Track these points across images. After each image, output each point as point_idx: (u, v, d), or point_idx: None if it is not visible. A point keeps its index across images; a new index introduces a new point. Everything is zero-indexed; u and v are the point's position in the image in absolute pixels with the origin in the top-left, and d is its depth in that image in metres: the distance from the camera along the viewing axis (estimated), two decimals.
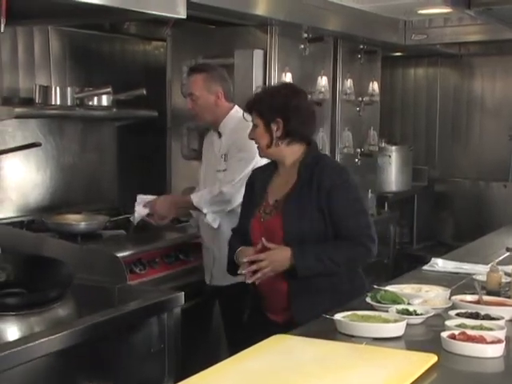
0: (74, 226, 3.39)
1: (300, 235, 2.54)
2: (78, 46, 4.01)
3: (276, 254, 2.53)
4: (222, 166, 3.23)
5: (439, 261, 3.04)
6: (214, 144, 3.31)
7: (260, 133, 2.61)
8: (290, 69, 4.02)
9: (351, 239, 2.53)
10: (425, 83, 6.24)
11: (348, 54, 4.70)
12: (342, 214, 2.54)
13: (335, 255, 2.52)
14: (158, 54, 4.55)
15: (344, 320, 2.10)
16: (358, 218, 2.56)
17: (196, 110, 3.28)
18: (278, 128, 2.58)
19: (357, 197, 2.61)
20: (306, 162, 2.61)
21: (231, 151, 3.18)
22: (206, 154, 3.42)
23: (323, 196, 2.53)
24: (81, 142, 4.09)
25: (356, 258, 2.58)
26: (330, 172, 2.58)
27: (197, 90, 3.24)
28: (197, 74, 3.26)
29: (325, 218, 2.54)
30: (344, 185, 2.57)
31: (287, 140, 2.60)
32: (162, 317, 2.61)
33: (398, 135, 6.22)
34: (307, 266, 2.51)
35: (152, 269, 3.20)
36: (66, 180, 3.98)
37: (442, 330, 2.02)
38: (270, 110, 2.58)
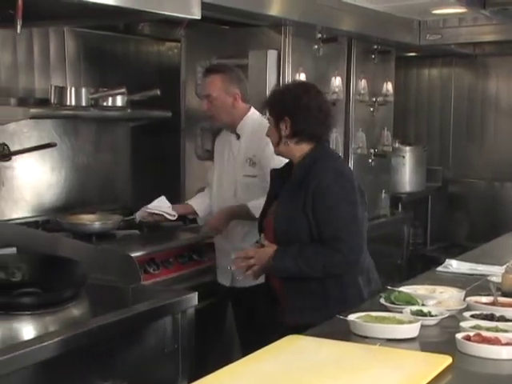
0: (89, 225, 3.41)
1: (287, 235, 2.54)
2: (93, 47, 4.03)
3: (263, 252, 2.57)
4: (249, 171, 3.15)
5: (453, 262, 3.03)
6: (231, 146, 3.25)
7: (271, 131, 2.64)
8: (304, 69, 4.01)
9: (330, 245, 2.47)
10: (439, 83, 6.21)
11: (362, 55, 4.68)
12: (322, 218, 2.48)
13: (312, 260, 2.48)
14: (171, 54, 4.56)
15: (358, 321, 2.09)
16: (337, 224, 2.47)
17: (212, 111, 3.22)
18: (286, 127, 2.57)
19: (341, 201, 2.48)
20: (303, 162, 2.58)
21: (263, 160, 3.09)
22: (220, 155, 3.34)
23: (309, 199, 2.49)
24: (95, 142, 4.10)
25: (332, 265, 2.49)
26: (318, 174, 2.51)
27: (214, 91, 3.18)
28: (214, 75, 3.21)
29: (309, 220, 2.50)
30: (328, 188, 2.49)
31: (295, 139, 2.58)
32: (176, 317, 2.62)
33: (411, 136, 6.20)
34: (283, 268, 2.51)
35: (165, 269, 3.20)
36: (81, 180, 4.00)
37: (456, 332, 2.01)
38: (280, 108, 2.58)
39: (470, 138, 6.10)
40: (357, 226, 2.50)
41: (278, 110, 2.58)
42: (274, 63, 3.88)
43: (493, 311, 2.19)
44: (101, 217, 3.57)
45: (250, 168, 3.15)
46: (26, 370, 2.02)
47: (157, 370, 2.53)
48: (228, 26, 4.14)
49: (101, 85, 3.86)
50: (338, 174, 2.55)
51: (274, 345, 1.96)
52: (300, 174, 2.55)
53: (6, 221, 3.51)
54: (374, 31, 4.57)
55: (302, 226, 2.50)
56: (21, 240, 3.04)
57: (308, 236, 2.51)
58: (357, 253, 2.48)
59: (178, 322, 2.62)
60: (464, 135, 6.12)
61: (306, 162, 2.57)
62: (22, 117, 3.22)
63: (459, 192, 6.06)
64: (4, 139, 3.39)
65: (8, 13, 2.14)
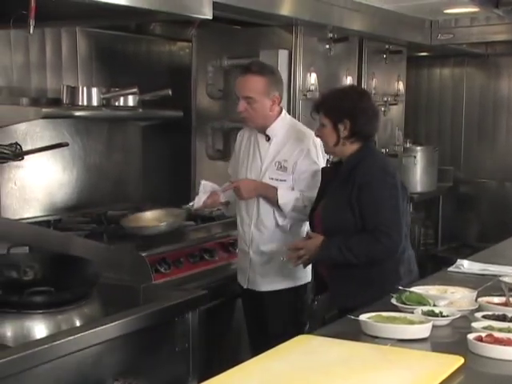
0: (156, 227, 3.22)
1: (334, 226, 2.74)
2: (105, 47, 4.04)
3: (311, 242, 2.77)
4: (276, 175, 3.11)
5: (465, 262, 3.01)
6: (259, 146, 3.15)
7: (327, 132, 2.78)
8: (315, 69, 4.01)
9: (372, 235, 2.67)
10: (451, 83, 6.19)
11: (373, 54, 4.67)
12: (365, 211, 2.68)
13: (355, 249, 2.68)
14: (183, 54, 4.56)
15: (369, 321, 2.09)
16: (379, 216, 2.66)
17: (250, 113, 3.06)
18: (345, 128, 2.74)
19: (384, 195, 2.69)
20: (351, 158, 2.77)
21: (300, 165, 3.09)
22: (245, 154, 3.21)
23: (355, 192, 2.69)
24: (107, 142, 4.11)
25: (374, 253, 2.69)
26: (364, 170, 2.72)
27: (256, 94, 3.03)
28: (257, 77, 3.04)
29: (354, 213, 2.69)
30: (373, 183, 2.69)
31: (351, 139, 2.76)
32: (187, 316, 2.62)
33: (423, 136, 6.18)
34: (329, 256, 2.72)
35: (177, 268, 3.20)
36: (92, 180, 4.01)
37: (468, 332, 2.00)
38: (339, 111, 2.74)
39: (481, 138, 6.07)
40: (397, 218, 2.69)
41: (337, 113, 2.74)
42: (285, 63, 3.88)
43: (505, 312, 2.17)
44: (163, 214, 3.36)
45: (278, 172, 3.10)
46: (39, 368, 2.03)
47: (168, 369, 2.53)
48: (239, 25, 4.15)
49: (112, 85, 3.87)
50: (382, 170, 2.75)
51: (284, 345, 1.96)
52: (347, 170, 2.75)
53: (18, 220, 3.53)
54: (385, 31, 4.56)
55: (348, 218, 2.70)
56: (33, 239, 3.06)
57: (353, 227, 2.70)
58: (396, 243, 2.67)
59: (188, 321, 2.63)
60: (475, 135, 6.09)
61: (354, 159, 2.76)
62: (33, 117, 3.23)
63: (470, 192, 6.03)
64: (16, 139, 3.40)
65: (21, 13, 2.15)
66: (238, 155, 3.28)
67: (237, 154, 3.31)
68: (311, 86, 3.99)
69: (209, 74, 4.13)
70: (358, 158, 2.76)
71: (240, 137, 3.32)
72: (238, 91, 3.08)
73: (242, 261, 3.25)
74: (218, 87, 4.16)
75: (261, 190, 3.11)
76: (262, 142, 3.15)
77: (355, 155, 2.77)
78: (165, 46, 4.48)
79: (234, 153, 3.37)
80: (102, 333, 2.23)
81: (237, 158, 3.30)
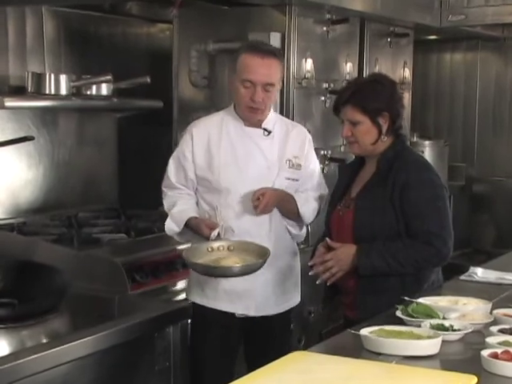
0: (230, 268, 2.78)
1: (370, 230, 2.71)
2: (75, 29, 4.03)
3: (341, 252, 2.71)
4: (292, 174, 2.99)
5: (479, 270, 3.02)
6: (258, 142, 2.96)
7: (365, 129, 2.74)
8: (312, 54, 4.01)
9: (421, 239, 2.66)
10: (463, 70, 6.21)
11: (376, 38, 4.68)
12: (413, 212, 2.67)
13: (401, 255, 2.66)
14: (163, 37, 4.56)
15: (371, 336, 2.09)
16: (431, 217, 2.68)
17: (266, 104, 2.90)
18: (385, 121, 2.74)
19: (434, 196, 2.71)
20: (387, 155, 2.77)
21: (309, 161, 3.05)
22: (228, 155, 2.95)
23: (397, 192, 2.68)
24: (77, 135, 4.11)
25: (424, 259, 2.69)
26: (407, 167, 2.72)
27: (276, 81, 2.89)
28: (275, 60, 2.89)
29: (397, 214, 2.69)
30: (420, 181, 2.70)
31: (389, 133, 2.77)
32: (167, 331, 2.62)
33: (431, 128, 6.20)
34: (370, 265, 2.67)
35: (156, 277, 3.20)
36: (61, 178, 4.00)
37: (482, 348, 2.00)
38: (377, 103, 2.72)
39: (497, 131, 6.10)
40: (447, 219, 2.72)
41: (375, 105, 2.72)
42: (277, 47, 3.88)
43: None
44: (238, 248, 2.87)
45: (291, 170, 2.99)
46: None
47: None
48: (226, 5, 4.14)
49: (83, 71, 3.86)
50: (426, 167, 2.78)
51: (276, 362, 1.96)
52: (384, 168, 2.74)
53: None
54: (389, 11, 4.57)
55: (388, 220, 2.69)
56: None
57: (394, 231, 2.69)
58: (449, 246, 2.69)
59: (169, 336, 2.62)
60: (490, 128, 6.12)
61: (390, 156, 2.76)
62: None
63: (485, 192, 6.06)
64: None
65: None
66: (213, 156, 2.93)
67: (211, 154, 2.94)
68: (307, 74, 3.99)
69: (192, 59, 4.12)
70: (394, 154, 2.76)
71: (201, 134, 2.96)
72: (259, 77, 2.83)
73: (240, 284, 2.88)
74: (203, 74, 4.16)
75: (284, 199, 2.94)
76: (260, 138, 2.97)
77: (391, 151, 2.77)
78: (142, 28, 4.48)
79: (198, 154, 2.95)
80: (72, 350, 2.23)
81: (211, 159, 2.93)
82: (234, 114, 2.98)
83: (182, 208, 2.95)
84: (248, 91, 2.86)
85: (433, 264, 2.76)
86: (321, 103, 4.14)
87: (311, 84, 4.00)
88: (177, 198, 2.99)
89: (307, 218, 3.03)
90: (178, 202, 2.96)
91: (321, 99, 4.14)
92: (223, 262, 2.74)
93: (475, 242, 5.99)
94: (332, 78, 4.20)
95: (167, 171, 3.03)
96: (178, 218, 2.92)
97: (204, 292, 2.93)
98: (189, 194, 3.00)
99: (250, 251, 2.83)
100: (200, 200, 2.99)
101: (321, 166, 4.08)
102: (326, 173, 4.11)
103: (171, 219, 2.94)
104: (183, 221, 2.90)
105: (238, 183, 2.91)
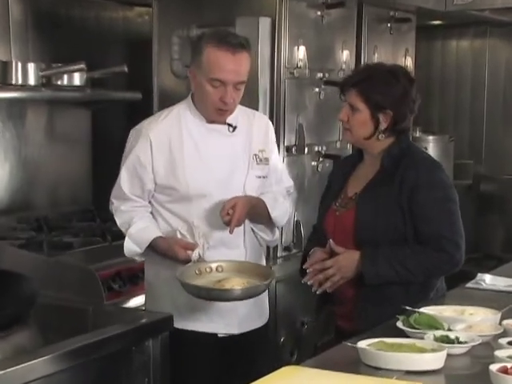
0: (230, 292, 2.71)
1: (373, 233, 2.71)
2: (44, 13, 4.02)
3: (343, 258, 2.70)
4: (261, 172, 2.95)
5: (487, 277, 3.04)
6: (223, 139, 2.92)
7: (361, 120, 2.75)
8: (304, 41, 4.01)
9: (432, 244, 2.67)
10: (470, 58, 6.23)
11: (375, 23, 4.69)
12: (423, 215, 2.68)
13: (411, 262, 2.67)
14: (141, 22, 4.55)
15: (369, 349, 2.09)
16: (442, 220, 2.69)
17: (236, 104, 2.87)
18: (385, 120, 2.74)
19: (445, 197, 2.72)
20: (393, 152, 2.77)
21: (275, 153, 3.04)
22: (189, 155, 2.87)
23: (405, 192, 2.69)
24: (47, 129, 4.10)
25: (436, 266, 2.71)
26: (417, 166, 2.73)
27: (247, 76, 2.84)
28: (246, 53, 2.83)
29: (404, 216, 2.69)
30: (431, 182, 2.71)
31: (388, 133, 2.77)
32: (147, 344, 2.62)
33: (435, 122, 6.21)
34: (376, 273, 2.66)
35: (134, 285, 3.20)
36: (29, 176, 3.99)
37: (490, 362, 2.00)
38: (385, 98, 2.72)
39: (507, 125, 6.12)
40: (459, 222, 2.73)
41: (381, 101, 2.71)
42: (267, 33, 3.88)
43: None
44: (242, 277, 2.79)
45: (260, 167, 2.95)
46: None
47: None
48: None
49: (54, 59, 3.85)
50: (437, 166, 2.80)
51: (267, 378, 1.96)
52: (389, 165, 2.75)
53: None
54: None
55: (393, 222, 2.69)
56: None
57: (400, 233, 2.70)
58: (462, 252, 2.71)
59: (148, 350, 2.62)
60: (500, 122, 6.14)
61: (395, 152, 2.77)
62: None
63: (494, 191, 6.07)
64: None
65: None
66: (176, 161, 2.86)
67: (173, 159, 2.86)
68: (299, 62, 3.99)
69: (174, 46, 4.11)
70: (399, 152, 2.77)
71: (160, 138, 2.87)
72: (230, 76, 2.77)
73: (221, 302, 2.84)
74: (185, 63, 4.14)
75: (255, 205, 2.87)
76: (225, 135, 2.92)
77: (396, 148, 2.78)
78: (119, 12, 4.47)
79: (159, 161, 2.86)
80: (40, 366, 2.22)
81: (174, 164, 2.86)
82: (194, 109, 2.90)
83: (142, 226, 2.87)
84: (217, 91, 2.78)
85: (444, 271, 2.78)
86: (314, 95, 4.14)
87: (304, 74, 4.00)
88: (132, 213, 2.90)
89: (280, 222, 3.01)
90: (134, 219, 2.88)
91: (314, 91, 4.14)
92: (225, 284, 2.67)
93: (483, 247, 6.00)
94: (327, 67, 4.20)
95: (119, 181, 2.92)
96: (138, 239, 2.85)
97: (180, 313, 2.84)
98: (144, 206, 2.92)
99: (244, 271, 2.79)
100: (163, 212, 2.90)
101: (314, 164, 4.15)
102: (320, 171, 4.12)
103: (130, 239, 2.86)
104: (146, 241, 2.84)
105: (209, 188, 2.85)
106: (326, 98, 4.16)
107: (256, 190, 2.95)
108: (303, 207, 4.02)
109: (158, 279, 2.92)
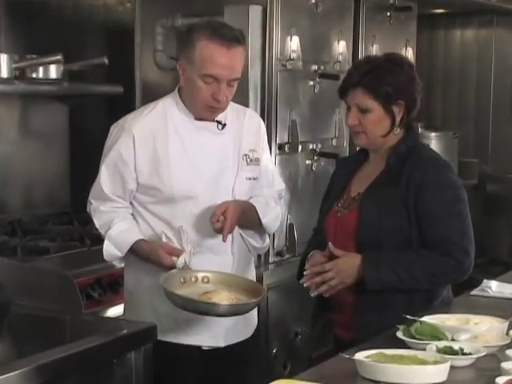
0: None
1: (376, 235, 2.72)
2: (17, 0, 4.01)
3: (343, 262, 2.70)
4: (251, 173, 2.95)
5: (493, 283, 3.04)
6: (211, 137, 2.90)
7: (376, 119, 2.76)
8: (298, 31, 4.02)
9: (439, 248, 2.68)
10: (475, 49, 6.24)
11: (373, 12, 4.70)
12: (430, 217, 2.70)
13: (416, 268, 2.67)
14: (123, 10, 4.55)
15: (367, 361, 2.09)
16: (450, 223, 2.70)
17: (229, 102, 2.86)
18: (399, 111, 2.77)
19: (454, 198, 2.74)
20: (399, 150, 2.79)
21: (266, 153, 3.05)
22: (189, 150, 2.87)
23: (412, 192, 2.70)
24: (21, 125, 4.09)
25: (443, 273, 2.71)
26: (424, 165, 2.75)
27: (241, 72, 2.84)
28: (241, 47, 2.82)
29: (410, 218, 2.70)
30: (439, 181, 2.72)
31: (401, 125, 2.80)
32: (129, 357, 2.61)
33: (439, 118, 6.23)
34: (378, 278, 2.67)
35: (114, 293, 3.19)
36: (1, 176, 3.98)
37: (497, 375, 2.01)
38: (393, 89, 2.73)
39: None
40: (469, 226, 2.75)
41: (389, 91, 2.73)
42: (257, 23, 3.89)
43: None
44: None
45: (250, 168, 2.94)
46: None
47: None
48: None
49: (28, 50, 3.84)
50: (445, 165, 2.82)
51: None
52: (395, 164, 2.76)
53: None
54: None
55: (398, 224, 2.70)
56: None
57: (404, 236, 2.71)
58: (471, 258, 2.71)
59: (130, 363, 2.62)
60: (507, 118, 6.15)
61: (402, 150, 2.79)
62: None
63: (500, 192, 6.08)
64: None
65: None
66: (160, 159, 2.85)
67: (157, 157, 2.85)
68: (292, 54, 4.00)
69: (157, 36, 4.11)
70: (406, 150, 2.79)
71: (144, 133, 2.85)
72: (224, 72, 2.76)
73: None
74: (170, 54, 4.15)
75: (246, 210, 2.87)
76: (213, 133, 2.91)
77: (402, 145, 2.79)
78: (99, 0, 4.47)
79: (142, 158, 2.85)
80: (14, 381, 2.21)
81: (158, 162, 2.85)
82: (181, 104, 2.89)
83: (123, 228, 2.85)
84: (209, 88, 2.77)
85: (451, 279, 2.78)
86: (309, 89, 4.15)
87: (297, 66, 4.00)
88: (113, 214, 2.88)
89: (271, 228, 3.01)
90: (115, 220, 2.86)
91: (309, 84, 4.15)
92: (212, 297, 2.64)
93: (489, 251, 6.00)
94: (322, 59, 4.21)
95: (99, 180, 2.90)
96: (119, 241, 2.83)
97: (161, 323, 2.81)
98: (126, 207, 2.91)
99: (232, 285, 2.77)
100: (144, 213, 2.89)
101: (309, 163, 4.15)
102: (315, 170, 4.12)
103: (110, 242, 2.84)
104: (128, 244, 2.82)
105: (195, 189, 2.85)
106: (320, 92, 4.17)
107: (246, 192, 2.94)
108: (297, 209, 4.03)
109: (139, 287, 2.91)
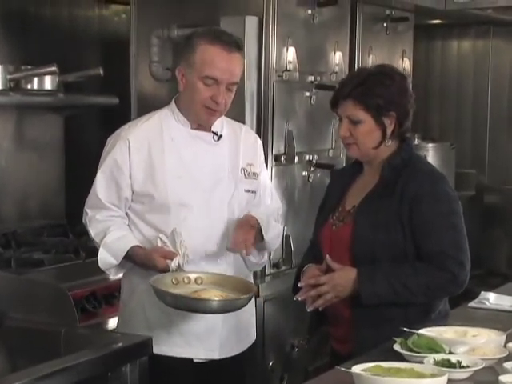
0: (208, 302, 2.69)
1: (371, 249, 2.72)
2: (12, 11, 4.02)
3: (339, 276, 2.71)
4: (250, 186, 2.98)
5: (491, 295, 3.05)
6: (205, 149, 2.93)
7: (367, 130, 2.77)
8: (294, 42, 4.03)
9: (434, 262, 2.69)
10: (472, 60, 6.25)
11: (370, 22, 4.71)
12: (425, 229, 2.70)
13: (411, 281, 2.68)
14: (119, 21, 4.56)
15: (365, 374, 2.09)
16: (445, 235, 2.71)
17: (227, 106, 2.88)
18: (391, 122, 2.78)
19: (449, 211, 2.74)
20: (393, 162, 2.80)
21: (264, 168, 3.08)
22: (185, 159, 2.90)
23: (406, 205, 2.71)
24: (16, 137, 4.09)
25: (438, 286, 2.72)
26: (418, 177, 2.76)
27: (239, 78, 2.90)
28: (240, 53, 2.90)
29: (405, 231, 2.71)
30: (434, 194, 2.73)
31: (393, 137, 2.80)
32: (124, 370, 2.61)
33: (436, 129, 6.23)
34: (374, 293, 2.67)
35: (110, 306, 3.19)
36: None
37: None
38: (383, 100, 2.74)
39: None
40: (464, 238, 2.75)
41: (380, 103, 2.74)
42: (253, 34, 3.89)
43: None
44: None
45: (248, 181, 2.97)
46: None
47: None
48: None
49: (23, 61, 3.85)
50: (440, 177, 2.83)
51: None
52: (390, 177, 2.77)
53: None
54: None
55: (393, 238, 2.71)
56: None
57: (400, 250, 2.71)
58: (467, 272, 2.72)
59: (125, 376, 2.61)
60: (504, 129, 6.15)
61: (396, 163, 2.80)
62: None
63: (498, 203, 6.09)
64: None
65: None
66: (155, 167, 2.87)
67: (152, 165, 2.87)
68: (288, 65, 4.01)
69: (153, 47, 4.12)
70: (401, 162, 2.79)
71: (140, 141, 2.88)
72: (225, 74, 2.81)
73: (199, 323, 2.87)
74: (166, 65, 4.16)
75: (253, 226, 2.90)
76: (210, 143, 2.94)
77: (397, 158, 2.80)
78: (94, 10, 4.48)
79: (138, 166, 2.87)
80: None
81: (153, 170, 2.87)
82: (178, 113, 2.93)
83: (118, 235, 2.85)
84: (209, 89, 2.82)
85: (447, 293, 2.79)
86: (305, 100, 4.16)
87: (294, 77, 4.01)
88: (109, 222, 2.88)
89: (272, 246, 3.03)
90: (111, 228, 2.86)
91: (305, 95, 4.16)
92: (201, 294, 2.66)
93: (487, 263, 6.01)
94: (318, 69, 4.22)
95: (95, 188, 2.92)
96: (114, 248, 2.83)
97: (154, 335, 2.81)
98: (122, 216, 2.92)
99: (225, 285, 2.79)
100: (139, 223, 2.90)
101: (305, 174, 4.16)
102: (311, 181, 4.13)
103: (105, 249, 2.83)
104: (123, 251, 2.81)
105: (190, 198, 2.86)
106: (317, 103, 4.17)
107: (245, 205, 2.96)
108: (293, 221, 4.02)
109: (132, 296, 2.93)
